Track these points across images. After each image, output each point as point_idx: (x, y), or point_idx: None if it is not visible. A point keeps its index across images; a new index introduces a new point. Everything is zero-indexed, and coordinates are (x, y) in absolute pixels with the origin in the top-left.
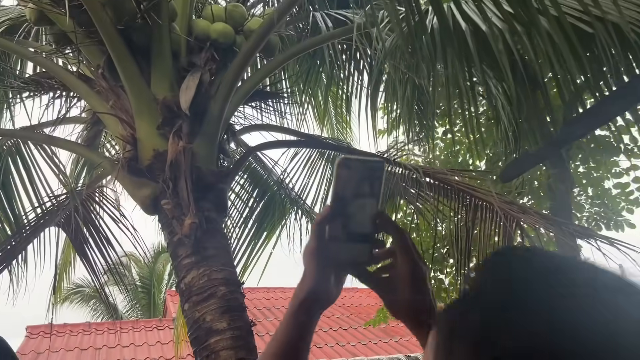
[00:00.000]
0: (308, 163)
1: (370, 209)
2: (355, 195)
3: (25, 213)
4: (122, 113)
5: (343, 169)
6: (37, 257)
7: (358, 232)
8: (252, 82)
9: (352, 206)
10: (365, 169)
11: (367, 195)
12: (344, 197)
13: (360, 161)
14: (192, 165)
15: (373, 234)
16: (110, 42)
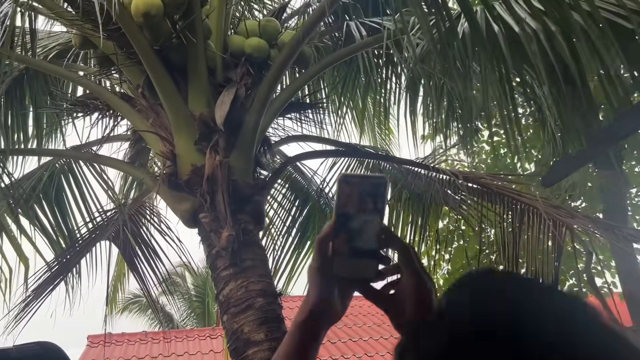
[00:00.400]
0: (347, 172)
1: (374, 225)
2: (358, 212)
3: (78, 227)
4: (161, 130)
5: (344, 185)
6: (93, 269)
7: (363, 248)
8: (287, 94)
9: (356, 222)
10: (367, 185)
11: (370, 211)
12: (346, 214)
13: (362, 177)
14: (228, 179)
15: (378, 249)
16: (148, 63)
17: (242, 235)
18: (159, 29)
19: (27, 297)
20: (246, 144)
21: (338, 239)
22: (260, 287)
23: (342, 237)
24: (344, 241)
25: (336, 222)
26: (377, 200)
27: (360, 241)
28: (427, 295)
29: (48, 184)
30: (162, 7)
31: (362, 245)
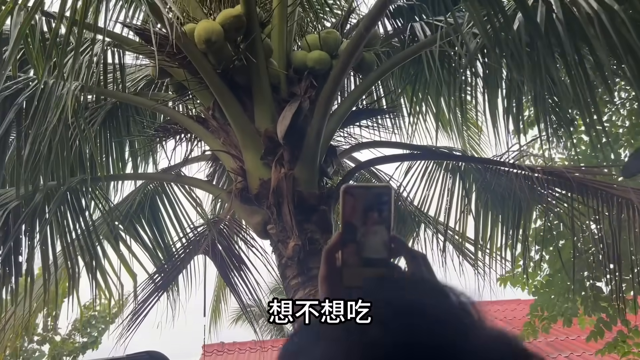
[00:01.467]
0: (425, 175)
1: (381, 235)
2: (363, 222)
3: (173, 243)
4: (231, 148)
5: (348, 197)
6: (195, 281)
7: (371, 258)
8: (350, 102)
9: (363, 232)
10: (371, 196)
11: (377, 221)
12: (352, 224)
13: (365, 188)
14: (293, 190)
15: (388, 258)
16: (214, 86)
17: (309, 245)
18: (221, 53)
19: (136, 308)
20: (310, 155)
21: (346, 249)
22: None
23: (350, 247)
24: (353, 251)
25: (343, 233)
26: (382, 209)
27: (368, 251)
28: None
29: (144, 204)
30: (222, 33)
31: (371, 254)
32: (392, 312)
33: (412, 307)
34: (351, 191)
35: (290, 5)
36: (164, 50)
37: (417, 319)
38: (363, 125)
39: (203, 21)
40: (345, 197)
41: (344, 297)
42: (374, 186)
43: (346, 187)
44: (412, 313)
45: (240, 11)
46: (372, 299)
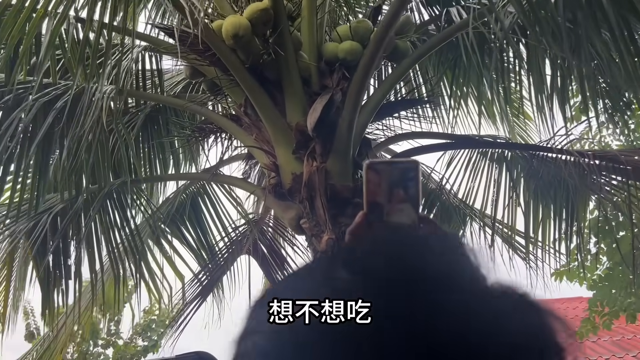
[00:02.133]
0: (469, 165)
1: (409, 214)
2: (390, 201)
3: (216, 243)
4: (264, 144)
5: (372, 173)
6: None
7: None
8: (382, 92)
9: (389, 212)
10: (396, 171)
11: (403, 199)
12: (377, 203)
13: (389, 163)
14: (326, 183)
15: None
16: (243, 82)
17: (344, 238)
18: (250, 48)
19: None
20: (342, 148)
21: (371, 230)
22: None
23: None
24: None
25: (368, 212)
26: (408, 186)
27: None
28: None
29: (187, 204)
30: (249, 27)
31: None
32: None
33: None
34: (375, 167)
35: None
36: (194, 49)
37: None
38: (401, 116)
39: (230, 16)
40: (369, 173)
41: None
42: (400, 161)
43: (370, 162)
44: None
45: (267, 4)
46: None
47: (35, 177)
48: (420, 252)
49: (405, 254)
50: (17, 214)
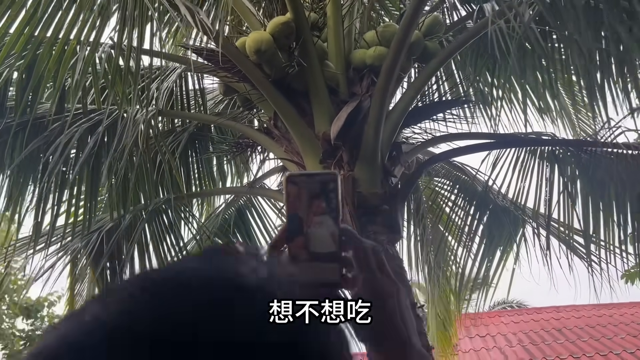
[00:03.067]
0: (517, 165)
1: (329, 226)
2: (310, 213)
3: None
4: (294, 155)
5: (291, 186)
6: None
7: (321, 252)
8: (411, 94)
9: (310, 224)
10: (315, 183)
11: (324, 211)
12: (298, 216)
13: (308, 176)
14: (353, 191)
15: (339, 252)
16: (269, 95)
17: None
18: (274, 61)
19: None
20: (369, 155)
21: (293, 243)
22: None
23: (297, 241)
24: (300, 245)
25: (288, 225)
26: (328, 198)
27: (317, 244)
28: (386, 300)
29: (236, 218)
30: (271, 41)
31: (320, 248)
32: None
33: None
34: (294, 179)
35: (345, 5)
36: (222, 67)
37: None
38: (440, 118)
39: (252, 33)
40: (288, 187)
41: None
42: (319, 173)
43: (289, 175)
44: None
45: (289, 18)
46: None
47: (87, 199)
48: (173, 300)
49: (154, 302)
50: (72, 234)
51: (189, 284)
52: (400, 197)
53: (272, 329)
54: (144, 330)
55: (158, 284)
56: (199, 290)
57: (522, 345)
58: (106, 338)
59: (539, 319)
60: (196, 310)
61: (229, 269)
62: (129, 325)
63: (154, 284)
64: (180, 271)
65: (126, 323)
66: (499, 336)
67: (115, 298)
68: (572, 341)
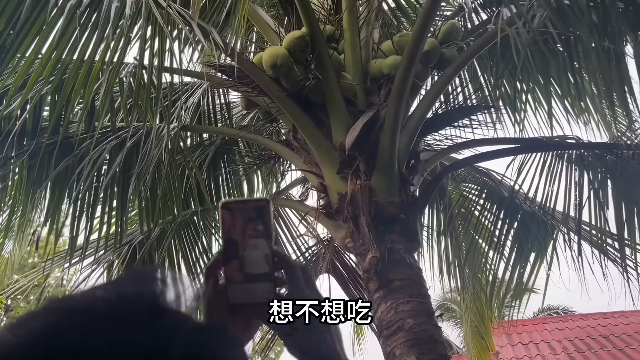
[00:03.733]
0: (544, 169)
1: (263, 249)
2: (244, 237)
3: None
4: (312, 166)
5: (225, 212)
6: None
7: (255, 273)
8: (426, 103)
9: (244, 247)
10: (248, 209)
11: (257, 235)
12: (233, 240)
13: (242, 202)
14: (369, 201)
15: (272, 272)
16: (285, 108)
17: (388, 256)
18: (291, 75)
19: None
20: (385, 164)
21: (229, 265)
22: (410, 308)
23: (233, 264)
24: (236, 268)
25: (224, 249)
26: (261, 223)
27: (251, 266)
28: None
29: None
30: (286, 55)
31: (254, 269)
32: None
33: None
34: (228, 205)
35: (361, 17)
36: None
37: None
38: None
39: (268, 48)
40: (223, 212)
41: (226, 315)
42: (252, 200)
43: (223, 202)
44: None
45: (304, 32)
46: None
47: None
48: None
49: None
50: (105, 247)
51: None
52: (419, 206)
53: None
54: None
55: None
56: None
57: (567, 353)
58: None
59: (585, 325)
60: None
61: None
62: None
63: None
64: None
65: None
66: (543, 344)
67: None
68: (620, 349)
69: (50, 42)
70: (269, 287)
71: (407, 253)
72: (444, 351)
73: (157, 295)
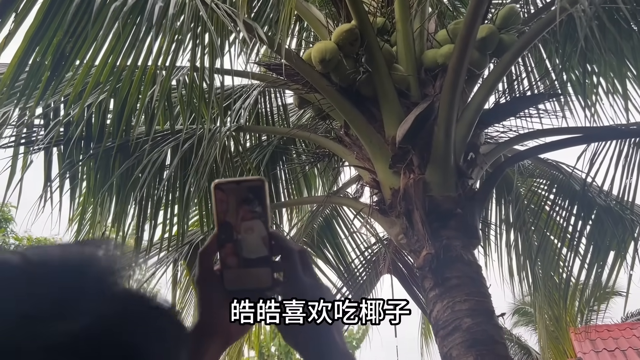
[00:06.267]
0: (620, 160)
1: (259, 231)
2: (239, 219)
3: (352, 261)
4: (364, 161)
5: (219, 193)
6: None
7: (252, 257)
8: (483, 92)
9: (240, 230)
10: (243, 190)
11: (253, 217)
12: (227, 223)
13: (236, 183)
14: (423, 195)
15: (269, 256)
16: (335, 103)
17: (444, 253)
18: (340, 69)
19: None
20: (440, 157)
21: (224, 249)
22: (468, 307)
23: (228, 248)
24: (232, 252)
25: (219, 233)
26: (257, 204)
27: (248, 250)
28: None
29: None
30: (335, 50)
31: (251, 253)
32: None
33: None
34: (221, 186)
35: (413, 7)
36: (295, 80)
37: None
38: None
39: (317, 43)
40: (217, 194)
41: (221, 302)
42: (246, 179)
43: (216, 182)
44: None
45: (353, 25)
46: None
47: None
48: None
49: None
50: (167, 247)
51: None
52: (479, 200)
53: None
54: None
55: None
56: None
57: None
58: None
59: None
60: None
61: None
62: None
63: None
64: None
65: None
66: (631, 351)
67: None
68: None
69: (106, 48)
70: (267, 271)
71: (465, 250)
72: (505, 352)
73: (74, 263)
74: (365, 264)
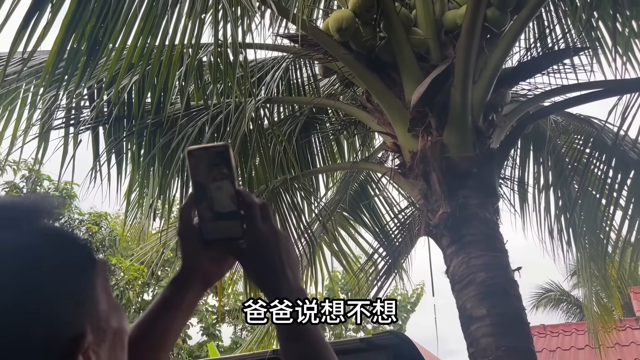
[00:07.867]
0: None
1: (227, 189)
2: (210, 180)
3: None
4: (385, 126)
5: (191, 159)
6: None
7: (223, 211)
8: (501, 51)
9: (211, 189)
10: (210, 155)
11: (222, 177)
12: (201, 183)
13: (204, 149)
14: (441, 157)
15: (238, 211)
16: (354, 70)
17: (459, 211)
18: (358, 37)
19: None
20: (458, 118)
21: (200, 206)
22: (482, 262)
23: (203, 205)
24: (206, 208)
25: (194, 192)
26: (224, 166)
27: (219, 205)
28: (267, 244)
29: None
30: (351, 17)
31: (222, 209)
32: None
33: None
34: (192, 152)
35: None
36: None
37: None
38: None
39: (334, 12)
40: (190, 159)
41: (200, 250)
42: (213, 145)
43: (188, 150)
44: None
45: None
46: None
47: None
48: None
49: None
50: None
51: None
52: (498, 159)
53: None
54: None
55: None
56: None
57: None
58: None
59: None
60: None
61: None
62: None
63: None
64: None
65: None
66: None
67: None
68: None
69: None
70: (236, 223)
71: (481, 208)
72: (518, 304)
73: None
74: (399, 227)
